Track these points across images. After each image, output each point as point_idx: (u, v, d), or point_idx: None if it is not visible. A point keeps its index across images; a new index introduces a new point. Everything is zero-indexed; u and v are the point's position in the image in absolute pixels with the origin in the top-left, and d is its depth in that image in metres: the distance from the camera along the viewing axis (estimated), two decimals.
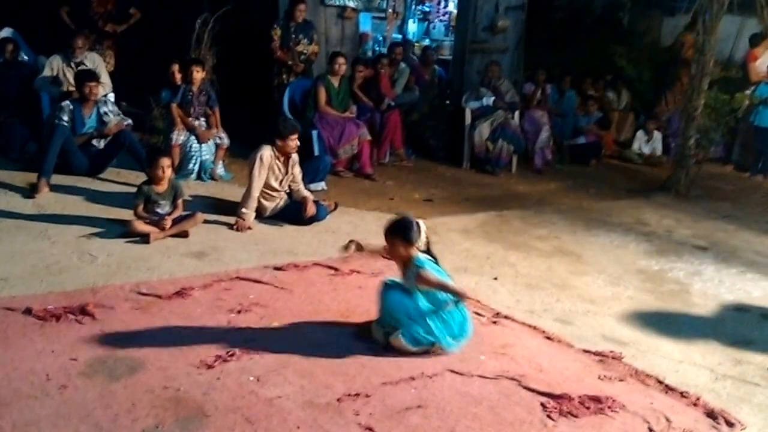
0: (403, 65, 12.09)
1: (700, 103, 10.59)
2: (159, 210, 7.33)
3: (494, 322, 5.80)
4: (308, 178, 8.33)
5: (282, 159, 7.97)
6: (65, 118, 8.71)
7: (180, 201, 7.39)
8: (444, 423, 4.30)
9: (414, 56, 14.15)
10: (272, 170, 7.91)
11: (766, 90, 12.08)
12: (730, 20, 12.01)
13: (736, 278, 7.33)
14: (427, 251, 5.25)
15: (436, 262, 5.24)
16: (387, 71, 11.44)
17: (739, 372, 5.31)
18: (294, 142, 7.95)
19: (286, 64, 10.96)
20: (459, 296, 5.16)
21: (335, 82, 10.52)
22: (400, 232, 5.18)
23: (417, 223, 5.17)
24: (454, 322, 5.12)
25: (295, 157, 8.08)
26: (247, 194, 7.83)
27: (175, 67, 9.60)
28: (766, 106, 12.01)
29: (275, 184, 7.97)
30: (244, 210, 7.76)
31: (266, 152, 7.84)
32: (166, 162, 7.38)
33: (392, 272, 6.65)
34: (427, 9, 20.33)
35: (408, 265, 5.13)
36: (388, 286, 5.31)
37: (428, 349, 5.07)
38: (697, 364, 5.38)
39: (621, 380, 4.98)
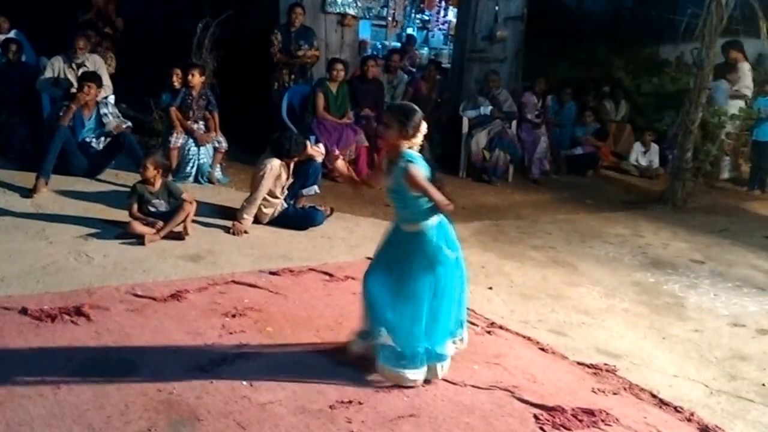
0: (400, 73, 12.13)
1: (698, 117, 10.60)
2: (153, 209, 7.35)
3: (488, 332, 5.80)
4: (300, 183, 8.33)
5: (286, 166, 8.00)
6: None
7: (185, 204, 7.37)
8: None
9: (412, 68, 14.19)
10: (279, 179, 7.94)
11: (764, 103, 12.07)
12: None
13: (732, 292, 7.31)
14: (420, 152, 4.87)
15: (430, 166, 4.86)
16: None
17: (734, 387, 5.30)
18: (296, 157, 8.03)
19: (286, 65, 10.96)
20: (441, 207, 4.73)
21: (333, 88, 10.54)
22: (399, 116, 4.80)
23: (421, 119, 4.81)
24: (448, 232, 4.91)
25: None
26: (250, 202, 7.82)
27: (176, 71, 9.60)
28: (764, 121, 12.01)
29: (278, 191, 7.98)
30: (245, 216, 7.77)
31: (275, 162, 7.86)
32: (149, 160, 7.41)
33: None
34: (427, 17, 20.39)
35: (395, 159, 4.77)
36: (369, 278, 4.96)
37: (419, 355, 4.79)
38: (691, 378, 5.37)
39: (615, 393, 4.97)
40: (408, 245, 4.81)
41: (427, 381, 4.81)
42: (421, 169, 4.68)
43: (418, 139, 4.79)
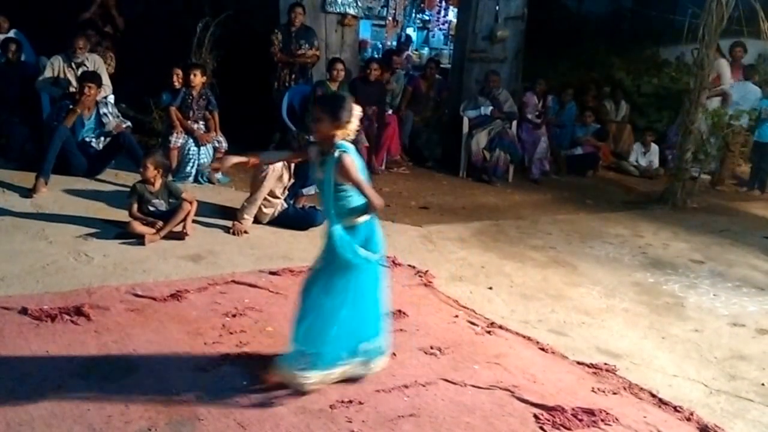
0: (398, 73, 12.13)
1: (698, 117, 10.60)
2: (153, 209, 7.36)
3: (488, 332, 5.80)
4: (300, 183, 8.33)
5: (288, 167, 8.00)
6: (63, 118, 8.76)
7: (184, 203, 7.37)
8: None
9: (410, 67, 14.21)
10: (281, 179, 7.94)
11: (767, 104, 12.08)
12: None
13: (732, 292, 7.31)
14: (354, 144, 4.69)
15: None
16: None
17: (734, 387, 5.30)
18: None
19: (287, 65, 10.97)
20: (372, 203, 4.51)
21: (334, 87, 10.53)
22: (329, 107, 4.59)
23: (352, 105, 4.58)
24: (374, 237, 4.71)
25: None
26: (250, 202, 7.83)
27: (177, 71, 9.61)
28: (766, 122, 12.01)
29: (278, 192, 7.99)
30: (245, 216, 7.77)
31: (278, 164, 7.86)
32: (149, 160, 7.43)
33: (387, 278, 6.68)
34: (427, 17, 20.41)
35: (328, 150, 4.53)
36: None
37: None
38: (691, 378, 5.37)
39: (615, 393, 4.97)
40: (330, 244, 4.58)
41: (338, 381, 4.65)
42: (355, 161, 4.50)
43: (353, 125, 4.59)
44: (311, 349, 4.55)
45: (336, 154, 4.47)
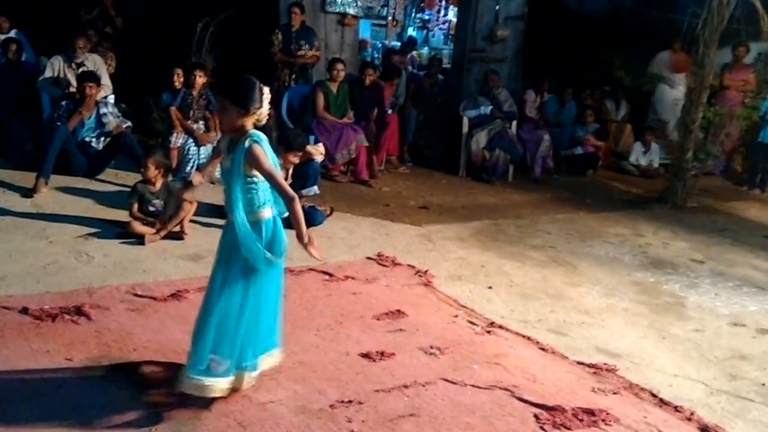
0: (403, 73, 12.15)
1: (699, 117, 10.60)
2: (153, 209, 7.37)
3: (488, 332, 5.80)
4: (299, 184, 8.33)
5: (284, 167, 8.00)
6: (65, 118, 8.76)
7: (185, 204, 7.37)
8: None
9: (412, 68, 14.21)
10: None
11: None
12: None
13: (732, 292, 7.31)
14: (264, 131, 4.30)
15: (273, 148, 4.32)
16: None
17: (734, 387, 5.30)
18: (297, 157, 7.98)
19: (287, 65, 10.97)
20: (285, 195, 4.22)
21: (334, 87, 10.55)
22: (232, 95, 4.22)
23: (260, 87, 4.22)
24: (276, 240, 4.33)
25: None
26: None
27: (178, 71, 9.61)
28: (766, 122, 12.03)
29: None
30: None
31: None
32: (150, 160, 7.44)
33: (386, 278, 6.69)
34: (427, 17, 20.41)
35: (238, 138, 4.20)
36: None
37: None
38: (691, 378, 5.38)
39: (615, 393, 4.97)
40: (230, 239, 4.24)
41: (235, 389, 4.39)
42: (266, 152, 4.16)
43: (264, 110, 4.23)
44: (220, 355, 4.23)
45: (246, 143, 4.12)
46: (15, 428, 3.95)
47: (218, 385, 4.25)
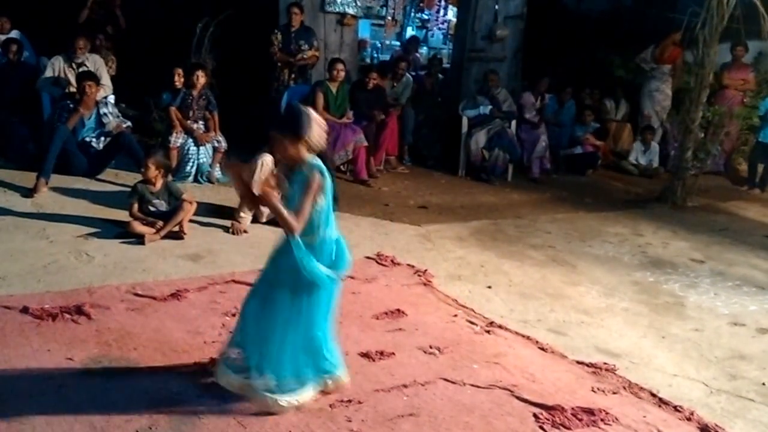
0: (407, 77, 12.13)
1: (698, 116, 10.60)
2: (153, 209, 7.38)
3: (487, 331, 5.80)
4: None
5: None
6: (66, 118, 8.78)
7: (184, 204, 7.38)
8: (435, 431, 4.32)
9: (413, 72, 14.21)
10: (273, 176, 7.91)
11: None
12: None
13: (732, 291, 7.31)
14: (321, 159, 4.28)
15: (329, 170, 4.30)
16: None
17: (734, 387, 5.30)
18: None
19: (286, 65, 10.97)
20: (287, 227, 4.20)
21: (333, 88, 10.53)
22: (284, 126, 4.24)
23: (307, 113, 4.24)
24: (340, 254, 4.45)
25: None
26: None
27: (178, 71, 9.62)
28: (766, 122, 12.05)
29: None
30: (242, 214, 7.78)
31: (267, 158, 7.85)
32: (151, 160, 7.45)
33: (386, 278, 6.70)
34: (426, 17, 20.38)
35: (296, 167, 4.25)
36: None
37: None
38: (691, 378, 5.38)
39: (614, 393, 4.98)
40: (289, 261, 4.24)
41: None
42: (323, 184, 4.20)
43: (316, 134, 4.22)
44: (276, 374, 4.29)
45: (305, 171, 4.18)
46: (15, 427, 3.96)
47: (292, 401, 4.33)
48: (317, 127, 4.23)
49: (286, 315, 4.32)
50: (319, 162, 4.22)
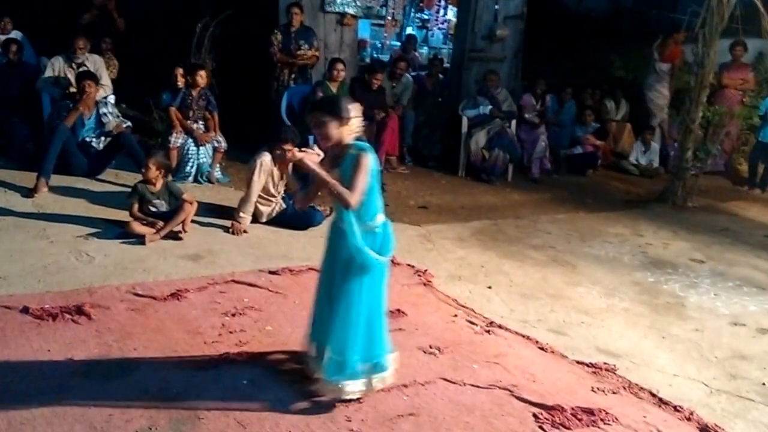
0: (407, 78, 12.12)
1: (698, 116, 10.59)
2: (154, 209, 7.38)
3: (488, 331, 5.80)
4: (299, 184, 8.33)
5: (280, 168, 8.00)
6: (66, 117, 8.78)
7: (185, 204, 7.38)
8: (436, 431, 4.32)
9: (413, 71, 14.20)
10: (271, 176, 7.92)
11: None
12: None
13: (733, 292, 7.31)
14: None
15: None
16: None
17: (734, 387, 5.30)
18: (289, 152, 7.97)
19: (286, 65, 10.97)
20: (344, 202, 4.27)
21: (333, 87, 10.52)
22: (327, 109, 4.39)
23: (347, 99, 4.47)
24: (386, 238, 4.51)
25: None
26: (245, 199, 7.86)
27: (179, 71, 9.63)
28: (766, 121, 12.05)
29: (273, 190, 7.98)
30: (241, 214, 7.78)
31: (266, 158, 7.86)
32: (151, 161, 7.45)
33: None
34: (426, 17, 20.38)
35: (343, 151, 4.38)
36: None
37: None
38: (691, 378, 5.38)
39: (614, 393, 4.98)
40: (341, 246, 4.39)
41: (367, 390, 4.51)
42: (371, 164, 4.29)
43: (357, 121, 4.38)
44: (347, 358, 4.38)
45: (353, 152, 4.31)
46: (15, 427, 3.96)
47: (356, 386, 4.43)
48: (357, 113, 4.38)
49: (349, 299, 4.40)
50: (366, 144, 4.38)
